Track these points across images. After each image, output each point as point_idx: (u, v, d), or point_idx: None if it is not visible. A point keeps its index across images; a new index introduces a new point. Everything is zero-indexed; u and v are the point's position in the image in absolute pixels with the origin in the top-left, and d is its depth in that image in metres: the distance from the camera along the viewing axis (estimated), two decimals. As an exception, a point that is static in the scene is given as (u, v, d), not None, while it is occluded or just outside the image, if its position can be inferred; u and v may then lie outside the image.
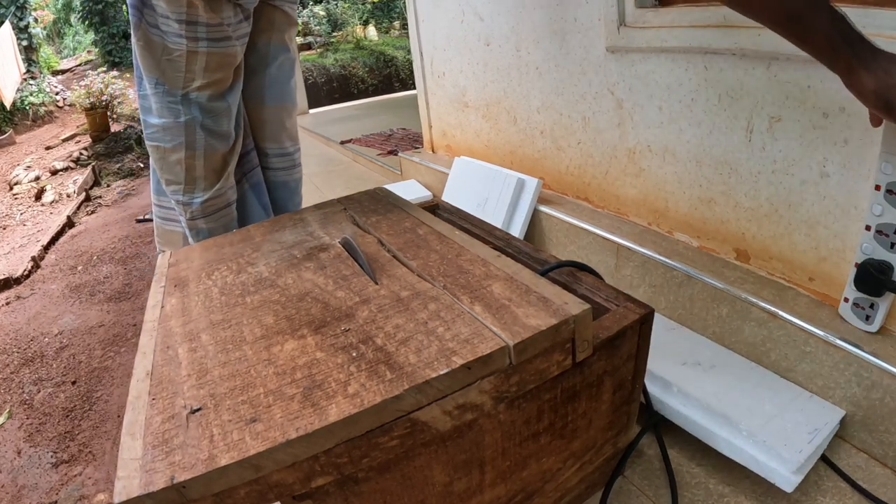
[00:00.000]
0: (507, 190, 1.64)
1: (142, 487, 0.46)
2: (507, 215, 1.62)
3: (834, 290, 1.03)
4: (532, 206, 1.59)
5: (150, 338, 0.69)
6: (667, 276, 1.22)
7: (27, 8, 6.19)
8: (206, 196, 1.19)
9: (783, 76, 1.00)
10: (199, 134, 1.12)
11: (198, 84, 1.10)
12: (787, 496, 0.85)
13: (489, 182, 1.71)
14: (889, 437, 0.89)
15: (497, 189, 1.68)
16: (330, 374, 0.57)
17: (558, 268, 0.86)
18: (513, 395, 0.62)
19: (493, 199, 1.68)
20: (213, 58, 1.08)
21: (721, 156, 1.16)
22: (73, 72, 7.32)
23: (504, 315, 0.62)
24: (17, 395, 1.54)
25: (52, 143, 4.95)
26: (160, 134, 1.13)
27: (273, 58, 1.25)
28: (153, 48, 1.07)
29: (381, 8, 8.34)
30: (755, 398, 0.95)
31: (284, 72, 1.28)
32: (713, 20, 1.10)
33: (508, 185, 1.64)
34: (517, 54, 1.63)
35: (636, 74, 1.29)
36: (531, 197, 1.58)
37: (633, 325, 0.73)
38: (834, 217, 1.00)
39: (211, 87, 1.12)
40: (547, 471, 0.75)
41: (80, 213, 3.39)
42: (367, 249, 0.83)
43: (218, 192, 1.20)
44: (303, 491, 0.52)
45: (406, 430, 0.55)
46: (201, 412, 0.54)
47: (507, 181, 1.65)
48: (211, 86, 1.11)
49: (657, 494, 0.89)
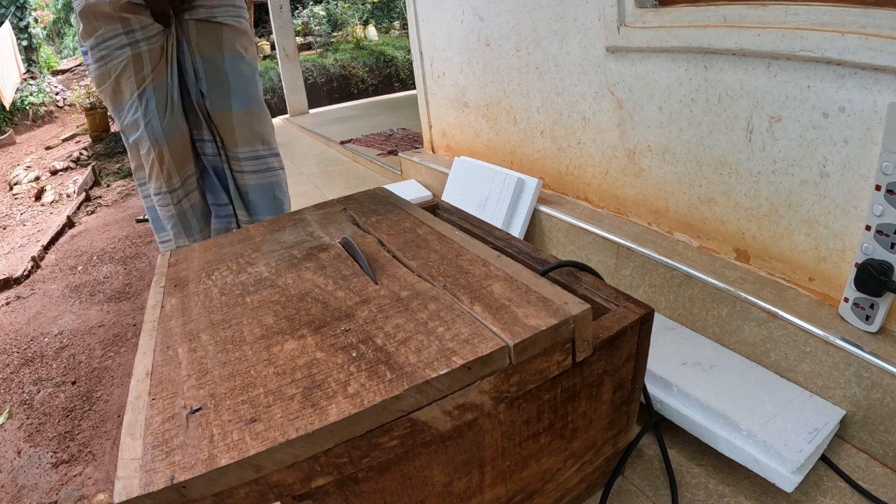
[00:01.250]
0: (507, 190, 1.64)
1: (142, 487, 0.46)
2: (507, 215, 1.62)
3: (834, 290, 1.03)
4: (532, 206, 1.59)
5: (150, 338, 0.69)
6: (667, 276, 1.22)
7: (27, 8, 6.18)
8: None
9: (783, 76, 1.00)
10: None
11: (149, 79, 1.25)
12: (787, 496, 0.85)
13: (489, 182, 1.71)
14: (889, 437, 0.89)
15: (497, 189, 1.67)
16: (330, 374, 0.57)
17: (558, 268, 0.86)
18: (513, 395, 0.62)
19: (493, 199, 1.68)
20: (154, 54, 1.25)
21: (721, 156, 1.16)
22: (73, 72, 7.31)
23: (504, 315, 0.62)
24: (17, 395, 1.54)
25: (52, 143, 4.95)
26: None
27: (231, 67, 1.34)
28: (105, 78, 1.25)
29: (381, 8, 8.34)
30: (755, 398, 0.95)
31: (244, 78, 1.37)
32: (713, 20, 1.10)
33: (508, 185, 1.64)
34: (517, 54, 1.63)
35: (636, 74, 1.29)
36: (531, 197, 1.58)
37: (633, 325, 0.73)
38: (834, 217, 1.00)
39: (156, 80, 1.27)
40: (547, 471, 0.75)
41: (80, 213, 3.39)
42: (367, 249, 0.83)
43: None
44: (303, 491, 0.52)
45: (406, 430, 0.55)
46: (201, 412, 0.54)
47: (507, 181, 1.65)
48: (156, 79, 1.26)
49: (657, 494, 0.89)
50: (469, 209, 1.50)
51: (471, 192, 1.78)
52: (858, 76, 0.89)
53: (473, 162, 1.83)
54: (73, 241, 2.81)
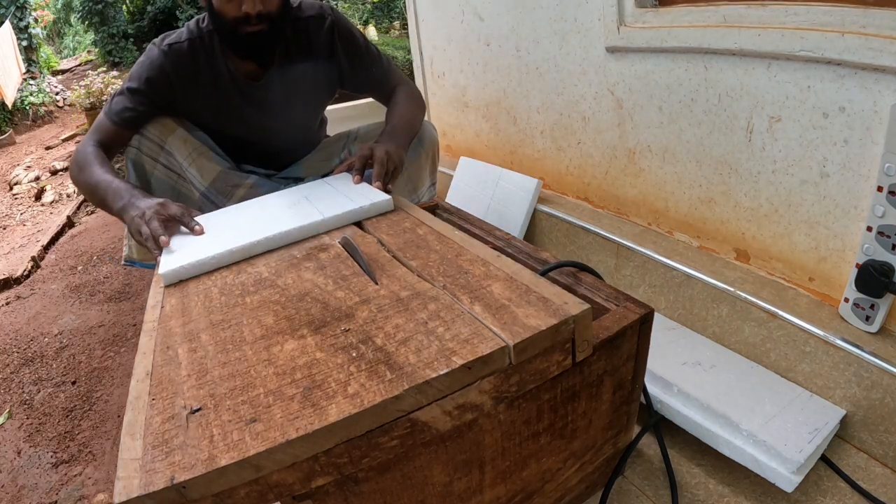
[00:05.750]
0: (508, 190, 1.64)
1: (142, 488, 0.46)
2: (507, 215, 1.62)
3: (834, 290, 1.03)
4: (532, 206, 1.59)
5: (150, 338, 0.69)
6: (667, 276, 1.22)
7: (27, 8, 6.18)
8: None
9: (783, 76, 1.00)
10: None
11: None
12: (787, 496, 0.85)
13: (490, 182, 1.72)
14: (889, 437, 0.89)
15: (498, 189, 1.68)
16: (330, 374, 0.57)
17: (558, 268, 0.86)
18: (513, 395, 0.62)
19: (493, 199, 1.69)
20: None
21: (721, 156, 1.16)
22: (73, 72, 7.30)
23: (504, 315, 0.62)
24: (17, 395, 1.54)
25: (52, 143, 4.94)
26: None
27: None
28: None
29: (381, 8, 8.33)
30: (755, 398, 0.95)
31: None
32: (713, 20, 1.10)
33: (509, 185, 1.64)
34: (517, 54, 1.63)
35: (636, 74, 1.29)
36: (531, 197, 1.58)
37: (633, 325, 0.73)
38: (834, 217, 1.00)
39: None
40: (547, 471, 0.75)
41: (80, 213, 3.38)
42: (367, 249, 0.83)
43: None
44: (303, 491, 0.52)
45: (406, 430, 0.55)
46: (201, 412, 0.54)
47: (508, 181, 1.65)
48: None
49: (657, 494, 0.89)
50: (472, 208, 1.50)
51: (474, 192, 1.78)
52: (858, 76, 0.89)
53: (476, 163, 1.83)
54: (73, 241, 2.80)
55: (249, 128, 1.28)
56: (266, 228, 0.89)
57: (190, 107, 1.20)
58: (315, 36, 1.23)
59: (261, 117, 1.26)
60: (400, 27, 8.54)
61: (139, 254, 1.31)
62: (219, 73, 1.18)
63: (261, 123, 1.27)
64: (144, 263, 1.32)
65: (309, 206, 0.97)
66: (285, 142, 1.36)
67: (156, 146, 1.19)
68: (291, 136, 1.37)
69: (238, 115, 1.24)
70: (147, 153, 1.19)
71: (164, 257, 0.86)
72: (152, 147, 1.18)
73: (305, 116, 1.36)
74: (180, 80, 1.16)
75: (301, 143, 1.40)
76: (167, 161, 1.20)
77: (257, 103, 1.24)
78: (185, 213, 0.96)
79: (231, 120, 1.25)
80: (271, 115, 1.27)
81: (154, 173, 1.21)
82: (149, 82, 1.14)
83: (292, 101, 1.28)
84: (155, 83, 1.14)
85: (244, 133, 1.29)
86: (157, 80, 1.14)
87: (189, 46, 1.15)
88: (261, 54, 1.16)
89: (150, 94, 1.14)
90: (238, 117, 1.25)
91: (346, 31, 1.25)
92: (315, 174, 1.37)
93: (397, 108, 1.28)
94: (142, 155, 1.18)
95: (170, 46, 1.14)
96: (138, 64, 1.16)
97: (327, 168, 1.38)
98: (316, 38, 1.23)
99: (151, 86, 1.14)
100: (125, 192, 1.01)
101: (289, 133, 1.35)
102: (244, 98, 1.22)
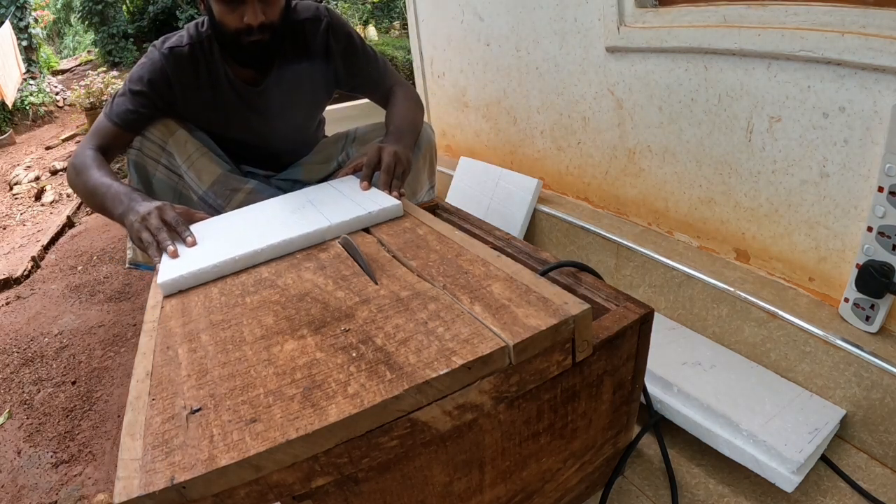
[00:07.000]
0: (508, 190, 1.64)
1: (142, 488, 0.46)
2: (507, 215, 1.62)
3: (834, 291, 1.03)
4: (532, 206, 1.59)
5: (149, 338, 0.69)
6: (667, 276, 1.22)
7: (27, 8, 6.18)
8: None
9: (783, 76, 1.00)
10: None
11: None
12: (787, 496, 0.85)
13: (490, 182, 1.72)
14: (889, 437, 0.89)
15: (498, 189, 1.68)
16: (330, 374, 0.57)
17: (558, 268, 0.86)
18: (513, 395, 0.62)
19: (493, 200, 1.68)
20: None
21: (721, 156, 1.16)
22: (73, 72, 7.30)
23: (504, 315, 0.62)
24: (17, 395, 1.54)
25: (52, 143, 4.94)
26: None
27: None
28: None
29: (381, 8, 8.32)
30: (755, 398, 0.95)
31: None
32: (713, 20, 1.10)
33: (509, 185, 1.64)
34: (517, 54, 1.63)
35: (636, 74, 1.29)
36: (531, 197, 1.58)
37: (633, 325, 0.73)
38: (834, 217, 1.00)
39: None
40: (547, 471, 0.75)
41: (80, 213, 3.38)
42: (367, 249, 0.83)
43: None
44: (303, 491, 0.52)
45: (406, 430, 0.55)
46: (201, 412, 0.54)
47: (508, 181, 1.65)
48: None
49: (657, 494, 0.89)
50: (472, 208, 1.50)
51: (474, 192, 1.78)
52: (858, 76, 0.89)
53: (477, 163, 1.83)
54: (73, 241, 2.80)
55: (249, 132, 1.27)
56: (270, 236, 0.86)
57: (189, 110, 1.20)
58: (312, 38, 1.23)
59: (260, 121, 1.26)
60: (400, 27, 8.54)
61: (143, 257, 1.30)
62: (218, 79, 1.18)
63: (260, 127, 1.27)
64: (150, 266, 1.32)
65: (314, 212, 0.94)
66: (284, 144, 1.36)
67: (157, 147, 1.18)
68: (290, 138, 1.36)
69: (237, 119, 1.24)
70: (149, 154, 1.18)
71: (163, 266, 0.84)
72: (154, 148, 1.18)
73: (304, 118, 1.36)
74: (181, 83, 1.15)
75: (300, 144, 1.40)
76: (168, 162, 1.20)
77: (257, 108, 1.24)
78: (179, 222, 0.94)
79: (230, 124, 1.25)
80: (271, 119, 1.27)
81: (156, 175, 1.20)
82: (151, 84, 1.14)
83: (291, 105, 1.28)
84: (157, 85, 1.14)
85: (243, 137, 1.28)
86: (159, 82, 1.14)
87: (189, 51, 1.15)
88: (262, 63, 1.16)
89: (152, 95, 1.14)
90: (237, 122, 1.25)
91: (343, 33, 1.25)
92: (314, 177, 1.37)
93: (398, 108, 1.27)
94: (143, 156, 1.18)
95: (171, 50, 1.14)
96: (139, 66, 1.16)
97: (326, 170, 1.38)
98: (313, 40, 1.23)
99: (153, 87, 1.14)
100: (125, 196, 1.00)
101: (288, 135, 1.35)
102: (244, 103, 1.22)
